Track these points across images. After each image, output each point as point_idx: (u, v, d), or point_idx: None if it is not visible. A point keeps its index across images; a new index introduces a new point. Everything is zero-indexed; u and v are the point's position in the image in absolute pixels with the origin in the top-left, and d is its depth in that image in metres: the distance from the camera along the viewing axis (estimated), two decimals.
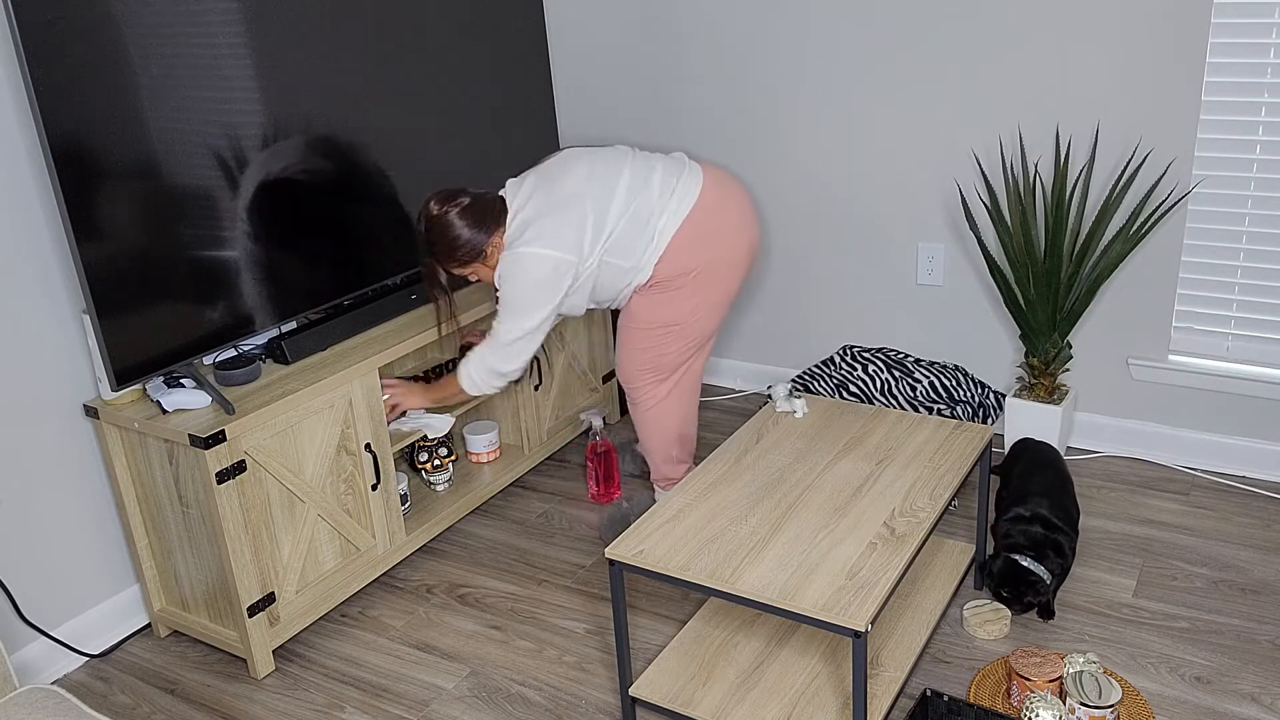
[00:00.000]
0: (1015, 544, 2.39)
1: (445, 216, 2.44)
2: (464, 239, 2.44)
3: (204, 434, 2.21)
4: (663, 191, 2.51)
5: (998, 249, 3.10)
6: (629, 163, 2.54)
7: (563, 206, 2.44)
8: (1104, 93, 2.82)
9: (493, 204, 2.48)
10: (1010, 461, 2.67)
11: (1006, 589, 2.37)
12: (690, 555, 1.99)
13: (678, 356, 2.65)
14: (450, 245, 2.45)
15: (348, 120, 2.65)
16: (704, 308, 2.60)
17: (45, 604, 2.47)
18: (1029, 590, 2.34)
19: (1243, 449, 2.93)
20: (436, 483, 2.98)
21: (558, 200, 2.45)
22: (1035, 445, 2.67)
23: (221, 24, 2.32)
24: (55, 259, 2.38)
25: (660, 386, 2.69)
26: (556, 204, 2.44)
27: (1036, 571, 2.34)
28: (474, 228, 2.44)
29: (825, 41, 3.15)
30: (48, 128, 2.03)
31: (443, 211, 2.44)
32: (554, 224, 2.42)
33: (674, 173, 2.54)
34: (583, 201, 2.45)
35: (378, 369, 2.60)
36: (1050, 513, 2.43)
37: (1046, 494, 2.48)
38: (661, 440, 2.75)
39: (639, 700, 2.15)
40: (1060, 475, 2.56)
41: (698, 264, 2.53)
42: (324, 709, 2.34)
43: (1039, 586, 2.34)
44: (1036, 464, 2.59)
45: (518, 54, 3.16)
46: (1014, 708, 2.14)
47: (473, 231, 2.44)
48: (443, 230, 2.44)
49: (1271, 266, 2.78)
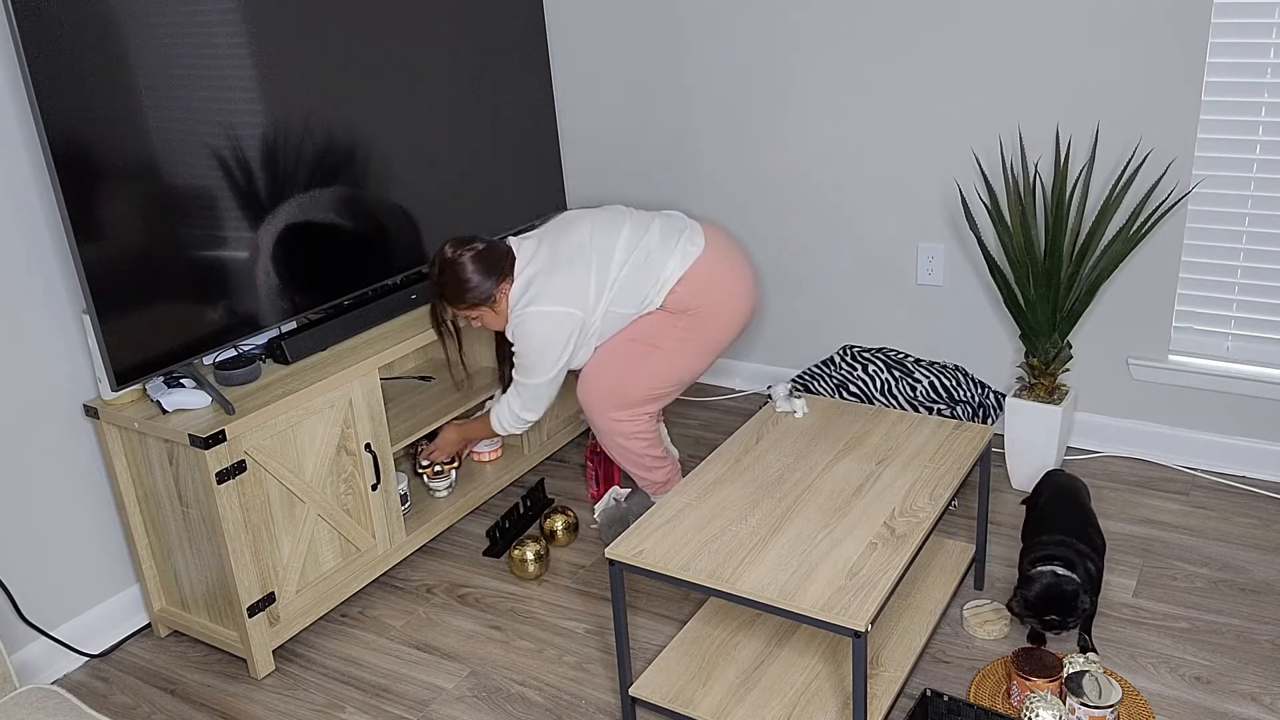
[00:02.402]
0: (1047, 555, 2.24)
1: (458, 259, 2.52)
2: (473, 284, 2.52)
3: (204, 434, 2.21)
4: (664, 240, 2.60)
5: (998, 249, 3.10)
6: (628, 219, 2.64)
7: (567, 263, 2.54)
8: (1104, 93, 2.82)
9: (504, 254, 2.57)
10: (1036, 495, 2.55)
11: (1052, 609, 2.18)
12: (690, 555, 1.99)
13: (645, 387, 2.62)
14: (460, 288, 2.53)
15: (348, 120, 2.65)
16: (690, 343, 2.62)
17: (45, 604, 2.47)
18: (1072, 603, 2.17)
19: (1243, 449, 2.93)
20: (437, 489, 2.93)
21: (562, 258, 2.55)
22: (1062, 479, 2.54)
23: (221, 24, 2.32)
24: (55, 259, 2.38)
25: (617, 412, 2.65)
26: (560, 261, 2.54)
27: (1074, 578, 2.19)
28: (483, 274, 2.52)
29: (826, 41, 3.15)
30: (48, 128, 2.03)
31: (456, 255, 2.53)
32: (559, 281, 2.52)
33: (674, 228, 2.64)
34: (586, 257, 2.55)
35: (377, 369, 2.61)
36: (1076, 537, 2.29)
37: (1072, 524, 2.33)
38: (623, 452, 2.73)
39: (639, 700, 2.15)
40: (1086, 509, 2.43)
41: (699, 304, 2.60)
42: (324, 709, 2.34)
43: (1079, 595, 2.18)
44: (1062, 498, 2.45)
45: (517, 53, 3.16)
46: (1014, 708, 2.14)
47: (481, 277, 2.52)
48: (454, 273, 2.53)
49: (1271, 266, 2.78)
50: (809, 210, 3.37)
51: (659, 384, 2.63)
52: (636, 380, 2.60)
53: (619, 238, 2.59)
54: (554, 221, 2.67)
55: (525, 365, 2.57)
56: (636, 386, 2.61)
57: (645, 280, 2.57)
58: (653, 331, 2.62)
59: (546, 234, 2.62)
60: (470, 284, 2.52)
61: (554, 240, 2.59)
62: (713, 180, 3.50)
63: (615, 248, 2.58)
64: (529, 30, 3.18)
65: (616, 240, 2.58)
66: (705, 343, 2.63)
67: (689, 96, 3.44)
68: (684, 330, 2.61)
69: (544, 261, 2.55)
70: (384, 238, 2.79)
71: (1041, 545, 2.27)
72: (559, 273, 2.52)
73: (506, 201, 3.19)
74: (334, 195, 2.64)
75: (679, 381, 2.66)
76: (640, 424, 2.65)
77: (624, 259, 2.57)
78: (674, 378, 2.64)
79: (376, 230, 2.77)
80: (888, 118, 3.14)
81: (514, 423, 2.68)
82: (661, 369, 2.61)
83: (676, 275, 2.57)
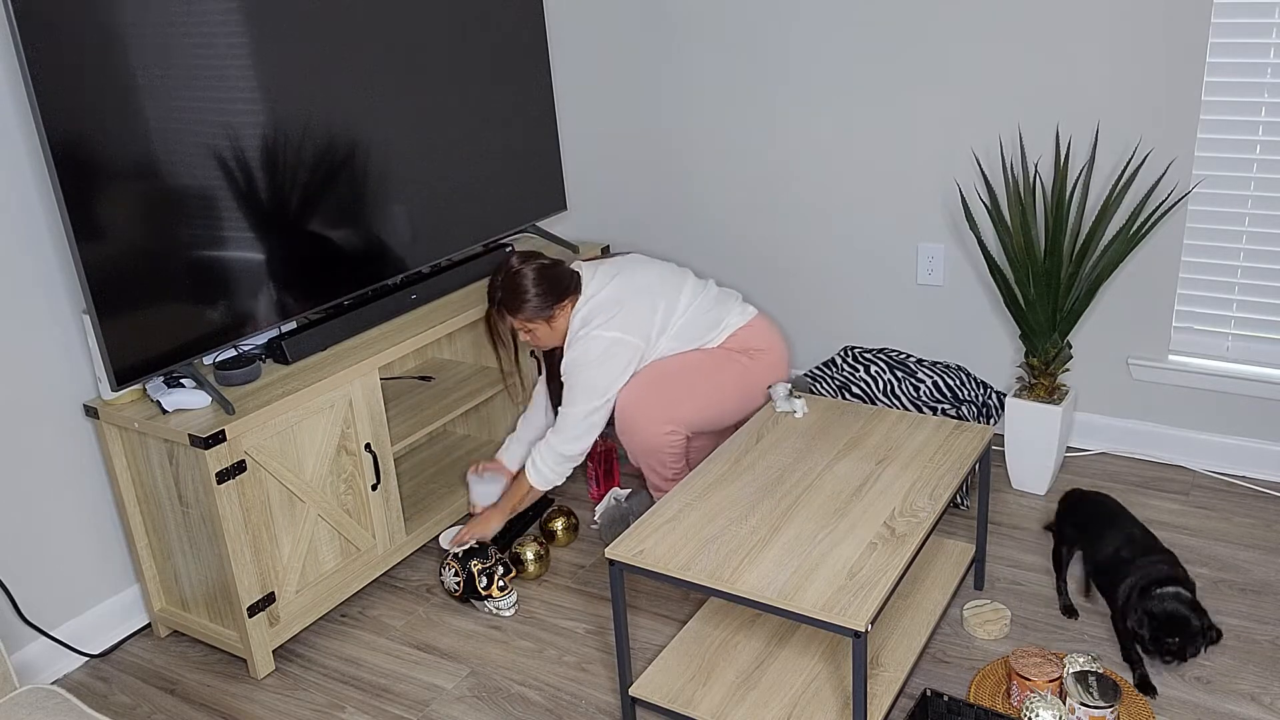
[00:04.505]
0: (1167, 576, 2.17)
1: (521, 270, 2.63)
2: (531, 295, 2.62)
3: (204, 434, 2.21)
4: (723, 298, 2.81)
5: (998, 249, 3.10)
6: (691, 275, 2.82)
7: (636, 295, 2.66)
8: (1104, 93, 2.82)
9: (568, 275, 2.68)
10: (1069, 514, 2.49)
11: (1170, 633, 2.11)
12: (690, 555, 1.99)
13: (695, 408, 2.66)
14: (519, 300, 2.62)
15: (348, 120, 2.65)
16: (744, 379, 2.71)
17: (45, 604, 2.47)
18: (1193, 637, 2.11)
19: (1243, 449, 2.93)
20: (503, 609, 2.60)
21: (632, 291, 2.67)
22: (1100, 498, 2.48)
23: (222, 24, 2.32)
24: (55, 259, 2.38)
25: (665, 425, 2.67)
26: (630, 294, 2.66)
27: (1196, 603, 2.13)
28: (543, 290, 2.63)
29: (825, 41, 3.15)
30: (48, 128, 2.03)
31: (520, 267, 2.64)
32: (628, 311, 2.63)
33: (730, 294, 2.85)
34: (654, 296, 2.68)
35: (377, 369, 2.61)
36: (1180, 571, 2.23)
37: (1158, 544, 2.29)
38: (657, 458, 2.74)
39: (639, 700, 2.15)
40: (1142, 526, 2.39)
41: (761, 346, 2.76)
42: (324, 709, 2.34)
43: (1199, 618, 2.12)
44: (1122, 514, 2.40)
45: (517, 53, 3.16)
46: (1014, 708, 2.14)
47: (541, 292, 2.62)
48: (515, 283, 2.63)
49: (1271, 266, 2.78)
50: (809, 210, 3.37)
51: (708, 408, 2.68)
52: (694, 398, 2.67)
53: (684, 287, 2.75)
54: (625, 258, 2.80)
55: (582, 390, 2.59)
56: (692, 404, 2.66)
57: (705, 326, 2.73)
58: (714, 360, 2.72)
59: (618, 269, 2.73)
60: (528, 296, 2.62)
61: (626, 276, 2.70)
62: (713, 180, 3.50)
63: (681, 293, 2.74)
64: (529, 30, 3.18)
65: (683, 287, 2.75)
66: (749, 387, 2.73)
67: (689, 97, 3.44)
68: (743, 367, 2.72)
69: (615, 291, 2.66)
70: (384, 238, 2.79)
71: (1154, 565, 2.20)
72: (628, 304, 2.64)
73: (506, 202, 3.19)
74: (334, 195, 2.64)
75: (720, 412, 2.71)
76: (678, 439, 2.69)
77: (688, 305, 2.73)
78: (719, 407, 2.70)
79: (376, 230, 2.77)
80: (888, 117, 3.14)
81: (556, 468, 2.63)
82: (713, 394, 2.69)
83: (738, 324, 2.76)
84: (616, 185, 3.70)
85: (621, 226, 3.74)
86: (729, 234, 3.53)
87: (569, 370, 2.62)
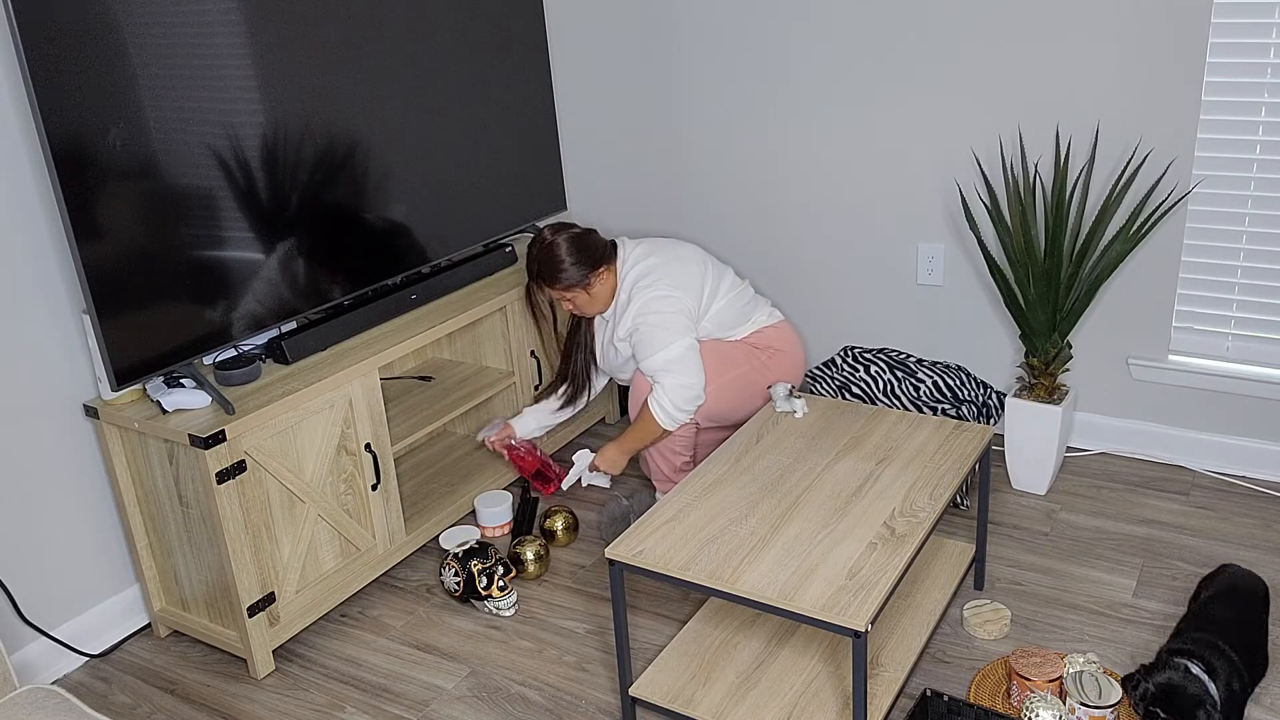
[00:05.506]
0: (1181, 648, 2.03)
1: (555, 241, 2.67)
2: (567, 264, 2.65)
3: (204, 434, 2.21)
4: (756, 297, 2.88)
5: (998, 249, 3.10)
6: (730, 269, 2.86)
7: (682, 262, 2.72)
8: (1104, 93, 2.82)
9: (602, 244, 2.72)
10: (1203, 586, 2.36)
11: (1166, 706, 1.96)
12: (690, 555, 1.99)
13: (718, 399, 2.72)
14: (555, 269, 2.66)
15: (348, 120, 2.65)
16: (762, 373, 2.78)
17: (45, 604, 2.47)
18: (1190, 711, 1.93)
19: (1243, 449, 2.93)
20: (503, 609, 2.60)
21: (678, 260, 2.72)
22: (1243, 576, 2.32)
23: (222, 24, 2.32)
24: (55, 259, 2.38)
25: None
26: (677, 262, 2.72)
27: (1206, 683, 1.95)
28: (578, 257, 2.66)
29: (825, 40, 3.15)
30: (48, 128, 2.03)
31: (554, 238, 2.67)
32: (677, 273, 2.69)
33: (761, 297, 2.91)
34: (702, 272, 2.74)
35: (377, 369, 2.61)
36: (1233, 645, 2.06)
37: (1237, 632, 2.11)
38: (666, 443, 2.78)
39: (639, 700, 2.15)
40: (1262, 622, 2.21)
41: (783, 345, 2.84)
42: (324, 709, 2.34)
43: (1202, 706, 1.93)
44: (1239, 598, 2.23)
45: (517, 53, 3.16)
46: (1014, 708, 2.14)
47: (576, 260, 2.66)
48: (549, 254, 2.67)
49: (1271, 266, 2.78)
50: (808, 210, 3.37)
51: (724, 397, 2.72)
52: (714, 385, 2.70)
53: (726, 275, 2.81)
54: (666, 240, 2.82)
55: (652, 342, 2.60)
56: (711, 390, 2.70)
57: (739, 316, 2.79)
58: (738, 352, 2.77)
59: (659, 244, 2.77)
60: (564, 265, 2.65)
61: (668, 251, 2.74)
62: (713, 179, 3.50)
63: (723, 280, 2.79)
64: (529, 30, 3.18)
65: (724, 274, 2.80)
66: (764, 384, 2.79)
67: (689, 96, 3.44)
68: (761, 363, 2.79)
69: (661, 259, 2.71)
70: (384, 237, 2.79)
71: (1190, 639, 2.07)
72: (675, 270, 2.69)
73: (506, 201, 3.19)
74: (334, 195, 2.64)
75: (735, 404, 2.76)
76: (688, 429, 2.73)
77: (728, 290, 2.78)
78: (735, 398, 2.75)
79: (376, 230, 2.77)
80: (888, 117, 3.14)
81: (682, 402, 2.61)
82: (731, 385, 2.73)
83: (764, 323, 2.84)
84: (616, 185, 3.70)
85: (621, 226, 3.74)
86: (729, 234, 3.53)
87: (636, 326, 2.64)
